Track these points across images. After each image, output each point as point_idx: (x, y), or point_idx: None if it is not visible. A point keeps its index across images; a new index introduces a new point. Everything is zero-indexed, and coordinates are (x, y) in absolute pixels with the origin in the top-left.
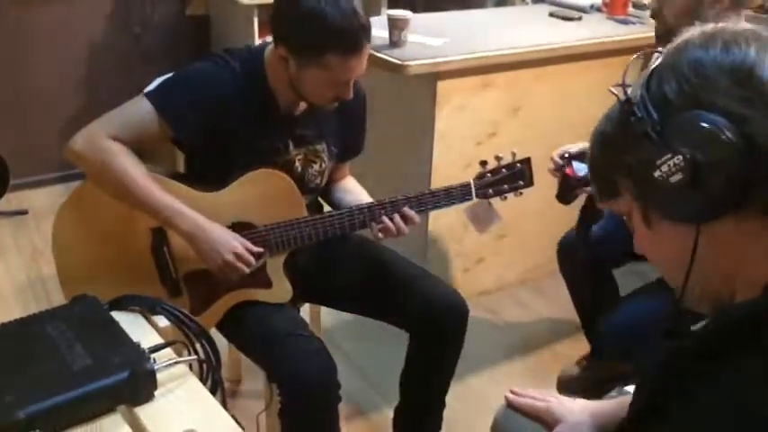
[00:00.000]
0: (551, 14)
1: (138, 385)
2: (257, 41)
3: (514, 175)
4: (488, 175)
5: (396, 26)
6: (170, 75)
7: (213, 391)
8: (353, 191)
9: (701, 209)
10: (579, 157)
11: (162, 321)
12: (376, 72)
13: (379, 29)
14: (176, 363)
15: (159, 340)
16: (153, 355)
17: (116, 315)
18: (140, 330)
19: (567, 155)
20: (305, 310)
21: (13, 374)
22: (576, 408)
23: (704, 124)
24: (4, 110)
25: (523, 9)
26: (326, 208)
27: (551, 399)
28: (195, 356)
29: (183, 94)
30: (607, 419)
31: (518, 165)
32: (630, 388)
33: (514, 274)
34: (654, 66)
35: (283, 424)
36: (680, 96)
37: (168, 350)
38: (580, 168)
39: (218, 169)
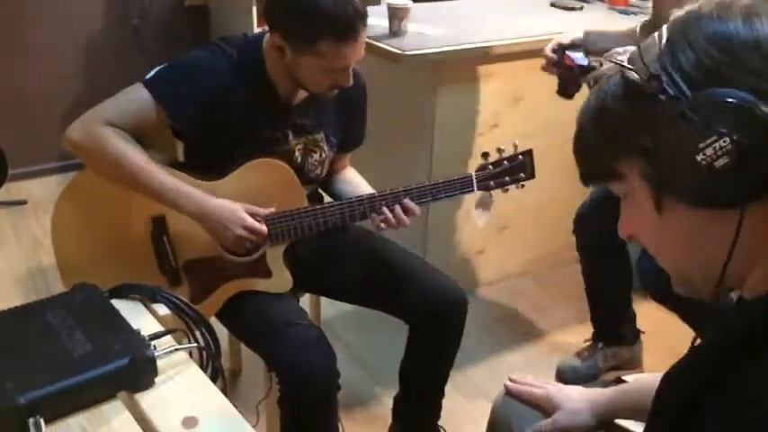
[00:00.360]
0: (552, 4)
1: (138, 372)
2: (256, 31)
3: (516, 168)
4: (490, 167)
5: (395, 15)
6: (167, 63)
7: (213, 379)
8: (354, 182)
9: (744, 193)
10: (572, 47)
11: (162, 309)
12: (375, 62)
13: (378, 18)
14: (176, 350)
15: (159, 328)
16: (153, 343)
17: (116, 303)
18: (140, 318)
19: (558, 46)
20: (304, 301)
21: (13, 361)
22: (575, 395)
23: (744, 104)
24: (2, 101)
25: None
26: (327, 199)
27: (549, 386)
28: (195, 344)
29: (180, 82)
30: (606, 407)
31: (520, 156)
32: (629, 377)
33: (515, 265)
34: (664, 39)
35: (283, 413)
36: (701, 72)
37: (168, 338)
38: (578, 57)
39: (218, 158)
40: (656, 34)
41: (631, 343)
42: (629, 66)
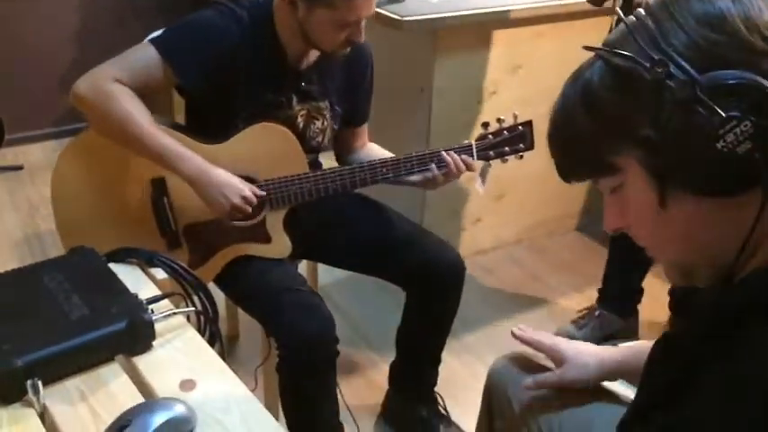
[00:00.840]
0: None
1: (136, 335)
2: None
3: (516, 138)
4: (490, 136)
5: None
6: (176, 23)
7: (211, 343)
8: (380, 156)
9: (764, 175)
10: None
11: (159, 274)
12: (375, 28)
13: None
14: (174, 314)
15: (157, 292)
16: (151, 307)
17: (114, 267)
18: (138, 282)
19: None
20: (301, 267)
21: (10, 323)
22: (585, 348)
23: (756, 84)
24: None
25: None
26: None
27: (559, 337)
28: (193, 308)
29: (188, 41)
30: (615, 365)
31: (520, 127)
32: (626, 344)
33: (512, 233)
34: (649, 22)
35: (281, 378)
36: (700, 54)
37: (166, 302)
38: None
39: (220, 121)
40: (633, 18)
41: (630, 315)
42: (622, 51)
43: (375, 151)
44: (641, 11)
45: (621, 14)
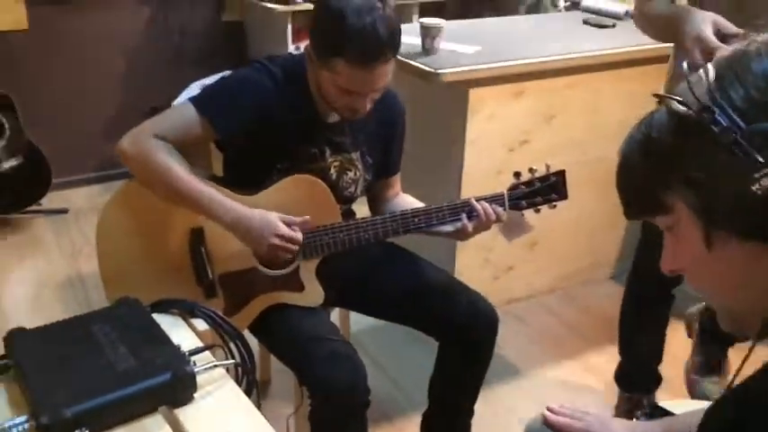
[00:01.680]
0: (585, 22)
1: (179, 387)
2: (291, 47)
3: (548, 188)
4: (522, 186)
5: (428, 34)
6: (213, 81)
7: (248, 392)
8: (409, 205)
9: None
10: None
11: (200, 324)
12: (408, 79)
13: (411, 36)
14: (215, 366)
15: (197, 342)
16: (193, 358)
17: (157, 317)
18: (179, 332)
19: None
20: (334, 314)
21: (60, 373)
22: (619, 427)
23: None
24: (47, 110)
25: (557, 16)
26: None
27: (590, 417)
28: (233, 360)
29: (225, 98)
30: None
31: (552, 177)
32: (665, 403)
33: (545, 282)
34: (711, 74)
35: (313, 427)
36: (751, 105)
37: (207, 353)
38: None
39: (256, 173)
40: (701, 71)
41: (652, 391)
42: (678, 98)
43: (407, 201)
44: (709, 65)
45: (686, 68)
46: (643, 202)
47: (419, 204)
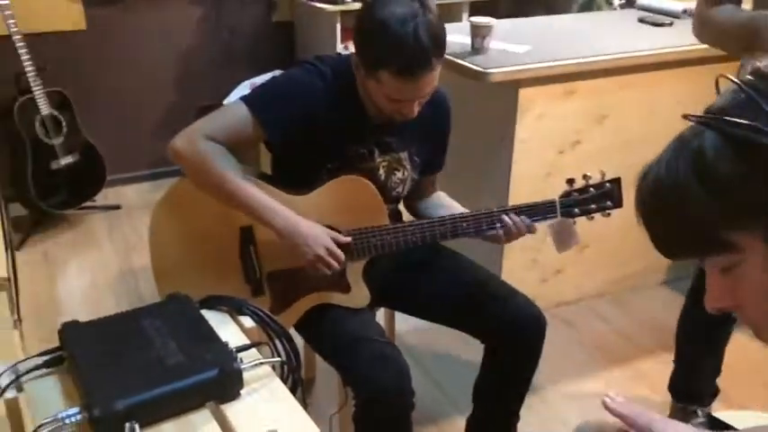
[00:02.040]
0: (641, 20)
1: (226, 383)
2: (339, 47)
3: (602, 195)
4: (575, 194)
5: (478, 33)
6: (264, 81)
7: (293, 390)
8: (449, 205)
9: None
10: None
11: (247, 322)
12: (457, 79)
13: (460, 35)
14: (261, 363)
15: (243, 339)
16: (240, 355)
17: (206, 314)
18: (227, 329)
19: None
20: (379, 315)
21: (111, 367)
22: (683, 430)
23: None
24: (103, 109)
25: (611, 14)
26: (407, 217)
27: (654, 414)
28: (279, 358)
29: (276, 98)
30: None
31: (607, 184)
32: (720, 414)
33: (594, 286)
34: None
35: (356, 428)
36: None
37: (253, 350)
38: None
39: (305, 173)
40: (746, 85)
41: (709, 403)
42: (738, 120)
43: (443, 199)
44: (750, 77)
45: (739, 82)
46: (697, 242)
47: (453, 203)
